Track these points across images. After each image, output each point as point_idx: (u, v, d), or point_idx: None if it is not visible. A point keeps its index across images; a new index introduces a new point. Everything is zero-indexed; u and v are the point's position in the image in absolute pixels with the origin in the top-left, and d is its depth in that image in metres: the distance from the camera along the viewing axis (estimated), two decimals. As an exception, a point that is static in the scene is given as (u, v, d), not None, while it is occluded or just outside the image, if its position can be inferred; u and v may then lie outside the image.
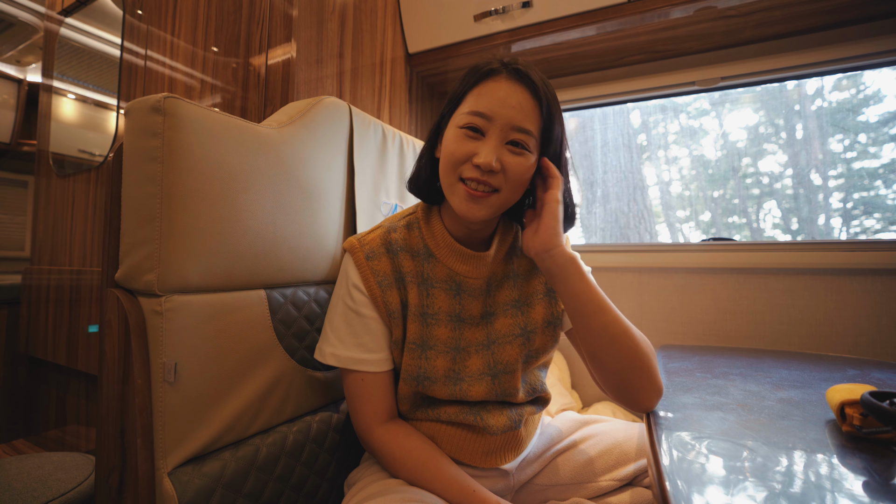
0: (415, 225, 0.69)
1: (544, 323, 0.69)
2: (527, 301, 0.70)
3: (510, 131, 0.58)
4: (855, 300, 1.05)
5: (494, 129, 0.58)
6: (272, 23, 1.02)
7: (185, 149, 0.58)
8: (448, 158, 0.60)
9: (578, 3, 1.12)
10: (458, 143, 0.59)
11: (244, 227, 0.66)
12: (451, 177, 0.60)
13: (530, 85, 0.59)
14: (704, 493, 0.39)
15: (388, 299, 0.65)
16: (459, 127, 0.60)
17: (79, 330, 1.38)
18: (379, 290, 0.65)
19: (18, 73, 2.31)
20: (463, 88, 0.63)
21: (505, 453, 0.68)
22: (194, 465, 0.58)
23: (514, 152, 0.59)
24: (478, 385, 0.66)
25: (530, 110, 0.59)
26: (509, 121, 0.58)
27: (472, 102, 0.60)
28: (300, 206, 0.76)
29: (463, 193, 0.59)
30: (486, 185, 0.58)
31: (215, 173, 0.62)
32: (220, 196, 0.62)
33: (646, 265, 1.27)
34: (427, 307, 0.67)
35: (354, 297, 0.66)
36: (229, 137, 0.64)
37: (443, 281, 0.67)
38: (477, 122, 0.59)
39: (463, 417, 0.66)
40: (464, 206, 0.59)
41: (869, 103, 1.24)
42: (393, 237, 0.68)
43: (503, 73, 0.60)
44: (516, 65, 0.60)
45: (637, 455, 0.70)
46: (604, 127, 1.61)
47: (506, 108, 0.58)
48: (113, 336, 0.57)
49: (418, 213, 0.71)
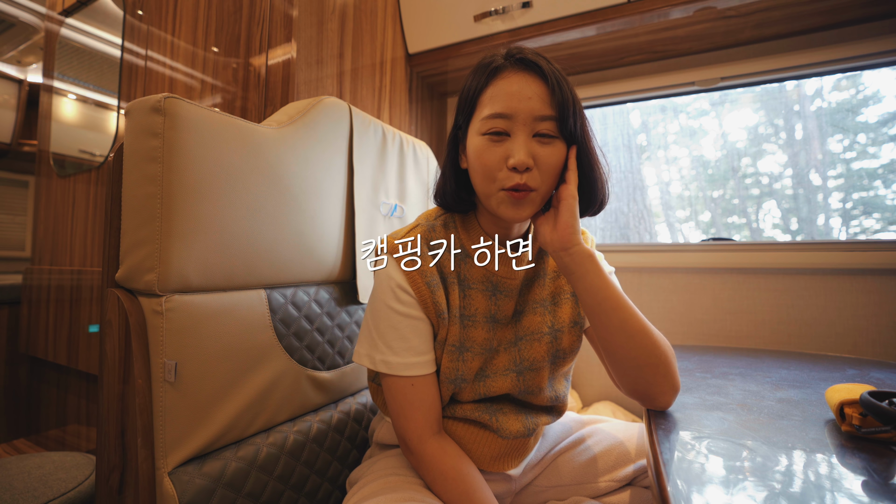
0: (451, 225, 0.68)
1: (571, 322, 0.69)
2: (555, 300, 0.70)
3: (534, 123, 0.57)
4: (854, 300, 1.05)
5: (518, 126, 0.57)
6: (272, 23, 1.02)
7: (186, 149, 0.58)
8: (482, 170, 0.59)
9: (578, 4, 1.12)
10: (488, 152, 0.58)
11: (244, 226, 0.66)
12: (490, 187, 0.59)
13: (538, 71, 0.58)
14: (704, 493, 0.39)
15: (438, 299, 0.62)
16: (482, 134, 0.59)
17: (79, 330, 1.38)
18: (428, 290, 0.62)
19: (19, 73, 2.31)
20: (473, 93, 0.61)
21: (512, 459, 0.68)
22: (195, 465, 0.58)
23: (543, 143, 0.58)
24: (502, 380, 0.66)
25: (546, 97, 0.57)
26: (530, 113, 0.57)
27: (487, 106, 0.59)
28: (300, 206, 0.76)
29: (506, 198, 0.58)
30: (525, 187, 0.57)
31: (216, 173, 0.62)
32: (221, 196, 0.62)
33: (646, 265, 1.27)
34: (465, 308, 0.65)
35: (401, 299, 0.62)
36: (229, 137, 0.64)
37: (479, 282, 0.66)
38: (499, 124, 0.58)
39: (479, 416, 0.65)
40: (510, 211, 0.59)
41: (868, 103, 1.25)
42: (433, 236, 0.66)
43: (509, 67, 0.59)
44: (521, 54, 0.59)
45: (637, 455, 0.70)
46: (604, 127, 1.61)
47: (523, 101, 0.57)
48: (113, 336, 0.57)
49: (454, 214, 0.69)
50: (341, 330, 0.84)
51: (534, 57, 0.59)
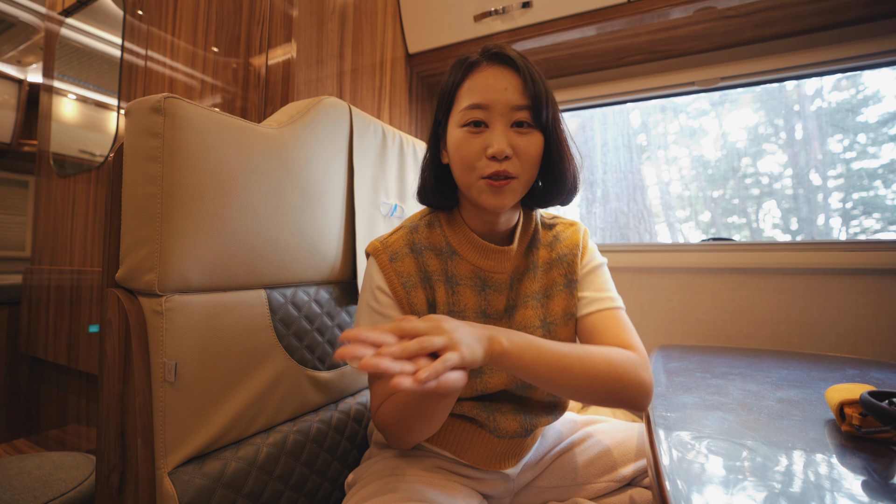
0: (436, 224, 0.69)
1: (565, 315, 0.69)
2: (547, 293, 0.70)
3: (511, 112, 0.59)
4: (854, 300, 1.05)
5: (496, 116, 0.59)
6: (272, 23, 1.02)
7: (186, 149, 0.58)
8: (461, 160, 0.61)
9: (578, 4, 1.12)
10: (467, 143, 0.60)
11: (244, 227, 0.66)
12: (470, 177, 0.61)
13: (512, 65, 0.60)
14: (704, 493, 0.39)
15: (413, 300, 0.64)
16: (461, 126, 0.60)
17: (79, 330, 1.38)
18: (403, 290, 0.64)
19: (19, 73, 2.31)
20: (451, 88, 0.63)
21: (508, 458, 0.68)
22: (195, 465, 0.58)
23: (521, 133, 0.60)
24: (498, 375, 0.66)
25: (521, 87, 0.60)
26: (507, 103, 0.59)
27: (465, 98, 0.61)
28: (300, 206, 0.76)
29: (486, 187, 0.60)
30: (504, 174, 0.59)
31: (215, 173, 0.62)
32: (221, 196, 0.62)
33: (646, 265, 1.27)
34: (454, 304, 0.66)
35: (379, 300, 0.65)
36: (229, 137, 0.64)
37: (468, 278, 0.67)
38: (477, 115, 0.59)
39: (476, 413, 0.66)
40: (491, 199, 0.60)
41: (868, 103, 1.25)
42: (416, 237, 0.67)
43: (485, 61, 0.61)
44: (494, 49, 0.61)
45: (637, 455, 0.70)
46: (604, 127, 1.61)
47: (499, 92, 0.59)
48: (113, 336, 0.57)
49: (438, 213, 0.71)
50: (341, 330, 0.84)
51: (508, 51, 0.61)
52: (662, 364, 0.85)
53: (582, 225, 0.75)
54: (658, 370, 0.80)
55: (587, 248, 0.73)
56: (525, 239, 0.71)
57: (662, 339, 1.23)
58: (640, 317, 1.27)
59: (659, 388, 0.69)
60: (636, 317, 1.27)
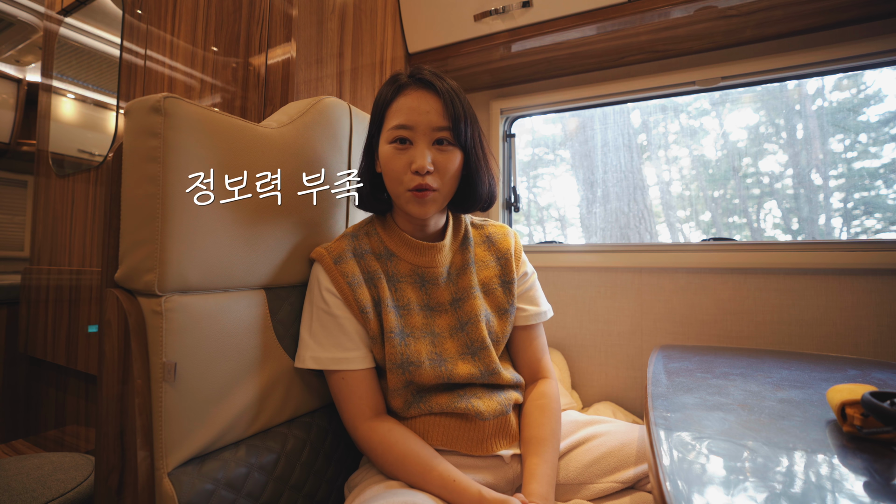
0: (373, 232, 0.77)
1: (499, 311, 0.77)
2: (485, 288, 0.78)
3: (432, 132, 0.68)
4: (855, 300, 1.05)
5: (419, 135, 0.67)
6: (272, 23, 1.02)
7: (185, 149, 0.58)
8: (391, 174, 0.69)
9: (578, 3, 1.11)
10: (395, 159, 0.68)
11: (244, 227, 0.66)
12: (398, 188, 0.69)
13: (433, 89, 0.68)
14: (705, 494, 0.39)
15: (360, 297, 0.69)
16: (389, 143, 0.69)
17: (78, 330, 1.38)
18: (349, 289, 0.69)
19: (18, 72, 2.30)
20: (382, 106, 0.71)
21: (498, 440, 0.70)
22: (194, 466, 0.58)
23: (441, 150, 0.69)
24: (461, 363, 0.72)
25: (442, 110, 0.68)
26: (429, 124, 0.67)
27: (393, 118, 0.69)
28: (300, 206, 0.76)
29: (411, 198, 0.68)
30: (426, 186, 0.67)
31: (215, 173, 0.61)
32: (220, 196, 0.62)
33: (646, 265, 1.27)
34: (398, 300, 0.72)
35: (327, 300, 0.69)
36: (229, 137, 0.64)
37: (407, 276, 0.74)
38: (402, 133, 0.68)
39: (454, 406, 0.68)
40: (415, 208, 0.69)
41: (869, 103, 1.24)
42: (357, 243, 0.74)
43: (411, 84, 0.69)
44: (420, 74, 0.69)
45: (638, 459, 0.70)
46: (604, 127, 1.61)
47: (422, 114, 0.67)
48: (112, 336, 0.57)
49: (374, 222, 0.78)
50: (341, 330, 0.84)
51: (430, 77, 0.69)
52: (663, 364, 0.85)
53: (511, 228, 0.85)
54: (658, 370, 0.80)
55: (520, 253, 0.83)
56: (457, 236, 0.79)
57: (663, 339, 1.23)
58: (640, 317, 1.27)
59: (659, 389, 0.68)
60: (636, 317, 1.27)
